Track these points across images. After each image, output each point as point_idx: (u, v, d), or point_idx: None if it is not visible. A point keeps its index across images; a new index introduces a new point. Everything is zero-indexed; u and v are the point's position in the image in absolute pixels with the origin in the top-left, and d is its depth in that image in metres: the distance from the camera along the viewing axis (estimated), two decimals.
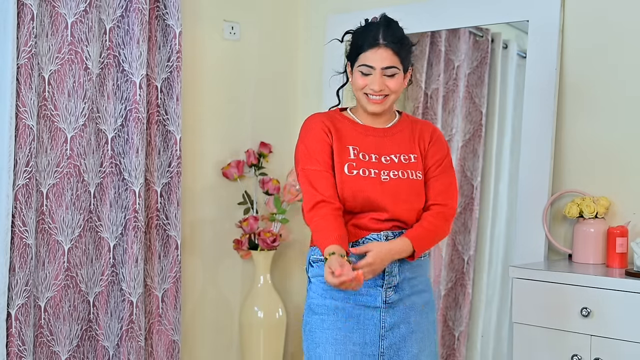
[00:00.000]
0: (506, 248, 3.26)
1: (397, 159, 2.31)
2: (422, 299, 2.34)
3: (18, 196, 2.77)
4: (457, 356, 3.34)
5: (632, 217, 2.85)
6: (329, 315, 2.29)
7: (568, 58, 3.01)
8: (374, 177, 2.27)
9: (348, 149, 2.30)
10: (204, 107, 3.48)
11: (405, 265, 2.30)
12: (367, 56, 2.27)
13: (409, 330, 2.30)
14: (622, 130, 2.89)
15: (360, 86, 2.29)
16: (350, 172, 2.26)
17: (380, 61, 2.26)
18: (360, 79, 2.29)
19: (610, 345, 2.54)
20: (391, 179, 2.28)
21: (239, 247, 3.50)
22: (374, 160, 2.30)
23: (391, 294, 2.28)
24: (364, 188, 2.26)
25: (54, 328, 2.94)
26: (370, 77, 2.27)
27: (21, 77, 2.77)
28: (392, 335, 2.29)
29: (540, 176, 2.99)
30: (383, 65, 2.26)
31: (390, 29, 2.29)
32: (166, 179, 3.21)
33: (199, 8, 3.44)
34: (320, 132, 2.31)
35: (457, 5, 3.27)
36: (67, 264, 2.96)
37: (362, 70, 2.28)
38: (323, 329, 2.29)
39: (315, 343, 2.31)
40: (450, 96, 3.41)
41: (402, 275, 2.29)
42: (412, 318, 2.31)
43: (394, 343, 2.29)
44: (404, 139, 2.35)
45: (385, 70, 2.26)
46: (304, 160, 2.31)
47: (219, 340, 3.59)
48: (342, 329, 2.27)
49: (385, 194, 2.26)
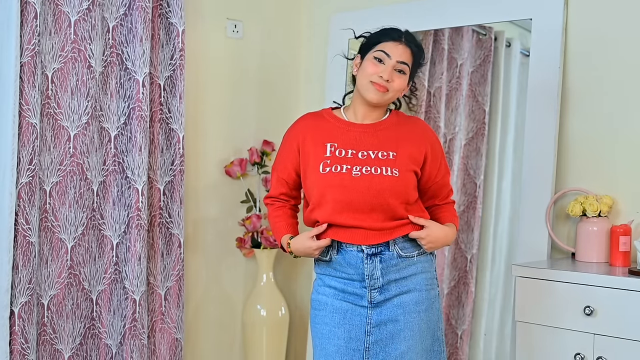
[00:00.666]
0: (509, 246, 3.26)
1: (375, 154, 2.33)
2: (414, 298, 2.34)
3: (21, 194, 2.77)
4: (460, 354, 3.34)
5: (635, 215, 2.84)
6: (320, 310, 2.39)
7: (571, 56, 3.01)
8: (345, 173, 2.31)
9: (325, 146, 2.36)
10: (207, 105, 3.48)
11: (391, 267, 2.32)
12: (387, 46, 2.34)
13: (396, 328, 2.32)
14: (625, 128, 2.88)
15: (370, 73, 2.33)
16: (324, 169, 2.33)
17: (399, 54, 2.33)
18: (372, 66, 2.33)
19: (613, 343, 2.54)
20: (362, 174, 2.30)
21: (242, 245, 3.51)
22: (350, 156, 2.33)
23: (376, 295, 2.33)
24: (332, 183, 2.30)
25: (57, 326, 2.94)
26: (382, 66, 2.32)
27: (24, 75, 2.77)
28: (379, 331, 2.32)
29: (543, 174, 2.99)
30: (399, 58, 2.33)
31: (412, 35, 2.40)
32: (169, 177, 3.21)
33: (202, 6, 3.44)
34: (292, 141, 2.43)
35: (460, 4, 3.27)
36: (70, 262, 2.97)
37: (378, 56, 2.33)
38: (316, 323, 2.40)
39: (312, 336, 2.42)
40: (453, 94, 3.41)
41: (386, 278, 2.32)
42: (401, 317, 2.32)
43: (380, 339, 2.32)
44: (386, 136, 2.37)
45: (398, 64, 2.32)
46: (275, 161, 2.51)
47: (221, 338, 3.60)
48: (329, 323, 2.36)
49: (354, 189, 2.29)
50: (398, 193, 2.31)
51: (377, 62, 2.33)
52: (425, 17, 3.33)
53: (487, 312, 3.32)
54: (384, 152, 2.34)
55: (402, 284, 2.34)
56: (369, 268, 2.31)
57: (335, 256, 2.35)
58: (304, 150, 2.39)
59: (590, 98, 2.97)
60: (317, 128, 2.41)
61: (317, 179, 2.34)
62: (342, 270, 2.35)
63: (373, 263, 2.31)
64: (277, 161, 2.49)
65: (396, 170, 2.31)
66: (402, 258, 2.33)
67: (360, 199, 2.29)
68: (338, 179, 2.30)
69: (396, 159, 2.33)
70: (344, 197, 2.30)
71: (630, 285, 2.52)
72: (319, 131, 2.40)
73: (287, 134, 2.48)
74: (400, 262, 2.33)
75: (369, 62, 2.34)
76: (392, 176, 2.30)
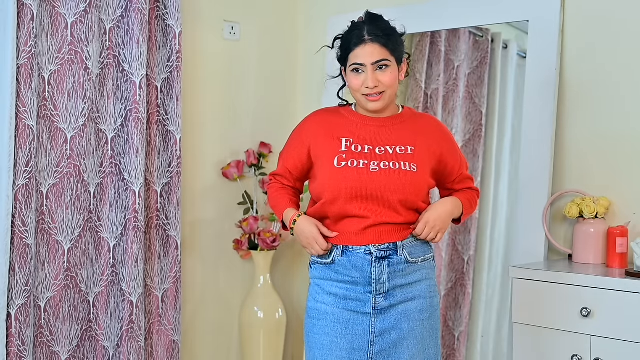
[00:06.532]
0: (506, 248, 3.26)
1: (392, 149, 2.29)
2: (419, 306, 2.30)
3: (18, 196, 2.77)
4: (457, 356, 3.34)
5: (632, 217, 2.85)
6: (320, 320, 2.30)
7: (568, 58, 3.01)
8: (362, 168, 2.26)
9: (341, 141, 2.31)
10: (204, 107, 3.48)
11: (398, 272, 2.27)
12: (356, 54, 2.26)
13: (400, 336, 2.27)
14: (622, 130, 2.89)
15: (356, 87, 2.28)
16: (339, 164, 2.27)
17: (370, 56, 2.24)
18: (355, 79, 2.28)
19: (610, 345, 2.54)
20: (381, 169, 2.26)
21: (239, 247, 3.50)
22: (367, 151, 2.29)
23: (381, 301, 2.27)
24: (349, 177, 2.25)
25: (54, 328, 2.94)
26: (363, 75, 2.26)
27: (21, 77, 2.77)
28: (382, 341, 2.27)
29: (540, 176, 2.99)
30: (372, 60, 2.24)
31: (374, 24, 2.28)
32: (166, 179, 3.21)
33: (199, 8, 3.44)
34: (303, 138, 2.38)
35: (457, 6, 3.27)
36: (67, 264, 2.96)
37: (354, 69, 2.27)
38: (314, 334, 2.31)
39: (309, 346, 2.34)
40: (451, 96, 3.41)
41: (392, 283, 2.27)
42: (405, 324, 2.27)
43: (384, 349, 2.27)
44: (404, 130, 2.33)
45: (376, 64, 2.25)
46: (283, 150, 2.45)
47: (219, 340, 3.59)
48: (330, 334, 2.28)
49: (372, 183, 2.24)
50: (417, 189, 2.27)
51: (357, 73, 2.27)
52: (422, 19, 3.34)
53: (484, 314, 3.32)
54: (402, 146, 2.30)
55: (408, 290, 2.29)
56: (377, 272, 2.25)
57: (339, 258, 2.28)
58: (316, 147, 2.33)
59: (588, 100, 2.97)
60: (332, 123, 2.35)
61: (333, 172, 2.27)
62: (346, 273, 2.28)
63: (381, 267, 2.26)
64: (285, 150, 2.42)
65: (414, 166, 2.27)
66: (409, 263, 2.28)
67: (379, 194, 2.24)
68: (355, 173, 2.25)
69: (414, 154, 2.29)
70: (362, 193, 2.24)
71: (627, 286, 2.52)
72: (334, 126, 2.34)
73: (299, 128, 2.42)
74: (407, 268, 2.28)
75: (351, 76, 2.29)
76: (411, 171, 2.26)
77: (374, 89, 2.26)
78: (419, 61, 3.41)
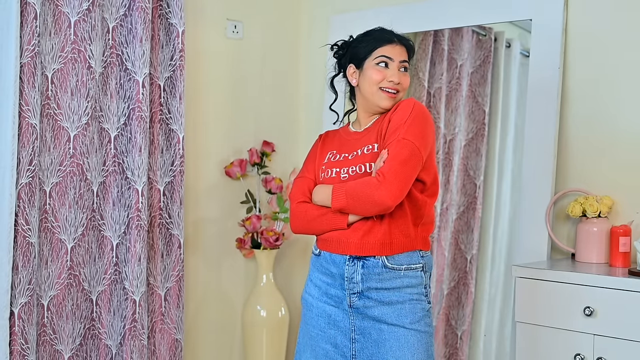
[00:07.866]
0: (509, 247, 3.26)
1: (361, 151, 2.32)
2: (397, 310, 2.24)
3: (21, 195, 2.77)
4: (460, 355, 3.34)
5: (635, 216, 2.84)
6: (308, 310, 2.41)
7: (571, 57, 3.01)
8: (334, 177, 2.32)
9: (326, 154, 2.41)
10: (207, 106, 3.48)
11: (373, 275, 2.25)
12: (386, 49, 2.34)
13: (381, 337, 2.25)
14: (625, 128, 2.88)
15: (377, 80, 2.32)
16: (320, 176, 2.38)
17: (399, 55, 2.34)
18: (378, 72, 2.32)
19: (613, 344, 2.54)
20: (350, 176, 2.29)
21: (242, 246, 3.51)
22: (341, 159, 2.34)
23: (355, 300, 2.28)
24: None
25: (57, 326, 2.94)
26: (388, 70, 2.32)
27: (24, 75, 2.77)
28: (364, 339, 2.27)
29: (543, 175, 2.99)
30: (401, 58, 2.34)
31: (398, 35, 2.40)
32: (169, 177, 3.21)
33: (202, 7, 3.44)
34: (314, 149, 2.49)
35: (460, 4, 3.27)
36: (70, 263, 2.97)
37: (381, 61, 2.32)
38: (305, 323, 2.43)
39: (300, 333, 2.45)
40: (453, 95, 3.41)
41: (366, 284, 2.26)
42: (385, 327, 2.24)
43: (366, 347, 2.27)
44: (373, 129, 2.35)
45: (401, 64, 2.34)
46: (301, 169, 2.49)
47: (221, 339, 3.60)
48: (316, 326, 2.36)
49: None
50: None
51: (382, 67, 2.32)
52: (425, 18, 3.34)
53: (486, 313, 3.32)
54: (368, 146, 2.31)
55: (384, 294, 2.25)
56: (350, 270, 2.27)
57: (323, 251, 2.35)
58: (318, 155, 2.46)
59: (590, 98, 2.97)
60: (329, 141, 2.46)
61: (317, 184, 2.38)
62: (327, 267, 2.33)
63: (355, 266, 2.26)
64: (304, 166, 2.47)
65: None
66: (387, 269, 2.24)
67: None
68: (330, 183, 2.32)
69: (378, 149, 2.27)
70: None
71: (630, 285, 2.52)
72: (329, 142, 2.45)
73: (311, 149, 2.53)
74: (384, 272, 2.25)
75: (372, 70, 2.33)
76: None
77: (397, 85, 2.32)
78: (421, 60, 3.41)
